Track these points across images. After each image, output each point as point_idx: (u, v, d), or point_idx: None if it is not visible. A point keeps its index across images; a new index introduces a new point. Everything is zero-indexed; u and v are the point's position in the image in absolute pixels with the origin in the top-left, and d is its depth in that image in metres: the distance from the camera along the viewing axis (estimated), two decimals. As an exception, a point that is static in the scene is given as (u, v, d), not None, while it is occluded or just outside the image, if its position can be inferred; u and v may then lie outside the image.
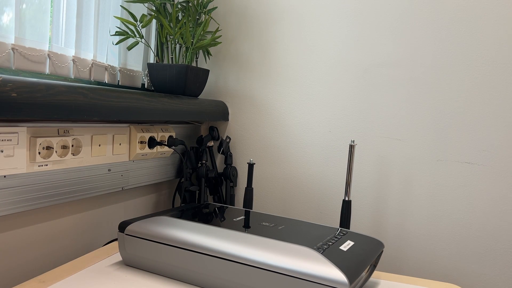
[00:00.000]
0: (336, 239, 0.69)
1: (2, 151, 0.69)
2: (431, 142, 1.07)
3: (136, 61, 1.13)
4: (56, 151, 0.79)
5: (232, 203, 1.24)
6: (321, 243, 0.66)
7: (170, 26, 1.08)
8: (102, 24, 1.01)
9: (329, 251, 0.63)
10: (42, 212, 0.82)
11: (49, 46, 0.87)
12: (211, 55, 1.25)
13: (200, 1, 1.12)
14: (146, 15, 1.07)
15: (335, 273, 0.57)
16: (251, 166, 1.07)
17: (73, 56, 0.92)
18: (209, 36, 1.17)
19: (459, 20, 1.03)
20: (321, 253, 0.61)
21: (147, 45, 1.16)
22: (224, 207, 0.87)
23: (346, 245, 0.67)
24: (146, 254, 0.70)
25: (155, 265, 0.70)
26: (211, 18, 1.21)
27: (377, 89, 1.11)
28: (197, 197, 1.18)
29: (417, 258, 1.09)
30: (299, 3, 1.18)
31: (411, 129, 1.08)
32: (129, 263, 0.73)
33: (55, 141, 0.79)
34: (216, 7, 1.19)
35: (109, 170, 0.94)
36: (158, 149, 1.06)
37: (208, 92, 1.29)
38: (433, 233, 1.07)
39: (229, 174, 1.22)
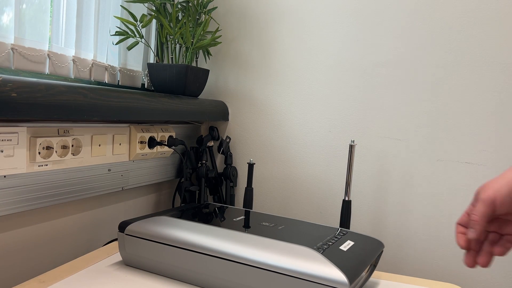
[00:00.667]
0: (336, 239, 0.69)
1: (2, 151, 0.69)
2: (431, 142, 1.07)
3: (136, 61, 1.13)
4: (56, 151, 0.79)
5: (232, 203, 1.24)
6: (321, 243, 0.66)
7: (170, 26, 1.08)
8: (102, 24, 1.01)
9: (329, 251, 0.63)
10: (42, 212, 0.82)
11: (49, 46, 0.87)
12: (211, 55, 1.25)
13: (200, 1, 1.12)
14: (146, 15, 1.07)
15: (335, 273, 0.57)
16: (251, 166, 1.07)
17: (73, 56, 0.92)
18: (209, 36, 1.17)
19: (459, 20, 1.03)
20: (321, 253, 0.61)
21: (147, 45, 1.16)
22: (224, 207, 0.86)
23: (346, 245, 0.67)
24: (146, 254, 0.70)
25: (155, 265, 0.70)
26: (211, 18, 1.21)
27: (377, 89, 1.11)
28: (197, 197, 1.18)
29: (417, 258, 1.09)
30: (299, 3, 1.18)
31: (411, 129, 1.08)
32: (129, 263, 0.73)
33: (55, 141, 0.79)
34: (216, 7, 1.19)
35: (109, 170, 0.94)
36: (158, 149, 1.06)
37: (208, 92, 1.29)
38: (433, 233, 1.07)
39: (229, 174, 1.22)
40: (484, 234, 0.58)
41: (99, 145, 0.90)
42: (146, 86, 1.18)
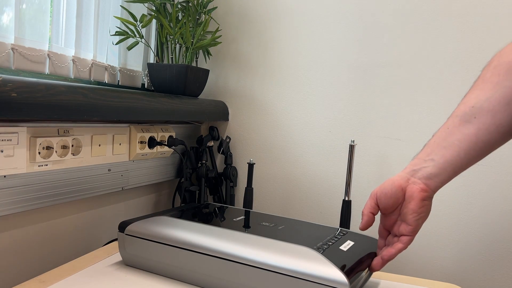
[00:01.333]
0: (336, 239, 0.69)
1: (2, 151, 0.69)
2: (431, 142, 1.07)
3: (136, 61, 1.13)
4: (56, 151, 0.79)
5: (232, 203, 1.24)
6: (321, 243, 0.66)
7: (170, 26, 1.08)
8: (102, 24, 1.01)
9: (329, 251, 0.63)
10: (42, 212, 0.82)
11: (49, 46, 0.87)
12: (211, 55, 1.25)
13: (200, 1, 1.12)
14: (146, 15, 1.07)
15: (335, 273, 0.57)
16: (251, 166, 1.07)
17: (73, 56, 0.92)
18: (209, 36, 1.17)
19: (460, 20, 1.03)
20: (321, 253, 0.61)
21: (147, 45, 1.16)
22: (224, 207, 0.87)
23: (346, 245, 0.67)
24: (146, 254, 0.70)
25: (155, 265, 0.70)
26: (211, 18, 1.21)
27: (377, 89, 1.11)
28: (197, 197, 1.18)
29: (417, 258, 1.09)
30: (299, 3, 1.18)
31: (411, 129, 1.08)
32: (129, 263, 0.73)
33: (55, 141, 0.79)
34: (216, 7, 1.19)
35: (109, 170, 0.94)
36: (158, 149, 1.06)
37: (208, 92, 1.29)
38: (433, 233, 1.07)
39: (229, 174, 1.22)
40: (383, 236, 0.67)
41: (99, 145, 0.90)
42: (146, 86, 1.18)
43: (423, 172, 0.62)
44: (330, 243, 0.66)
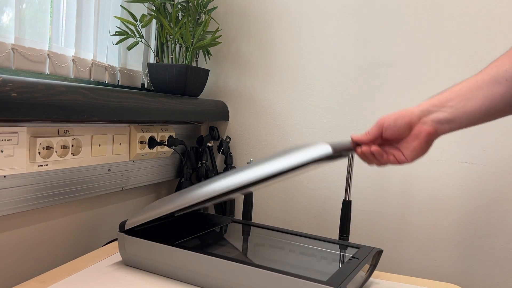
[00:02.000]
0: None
1: (2, 151, 0.69)
2: (431, 142, 1.06)
3: (136, 61, 1.13)
4: (56, 151, 0.79)
5: (232, 203, 1.24)
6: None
7: (170, 26, 1.08)
8: (102, 24, 1.01)
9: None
10: (42, 212, 0.82)
11: (49, 46, 0.87)
12: (211, 55, 1.25)
13: (200, 1, 1.12)
14: (146, 15, 1.07)
15: None
16: (251, 166, 1.07)
17: (73, 56, 0.92)
18: (209, 36, 1.17)
19: (459, 20, 1.03)
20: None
21: (147, 45, 1.16)
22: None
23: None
24: (146, 254, 0.70)
25: (155, 265, 0.70)
26: (211, 18, 1.21)
27: (377, 89, 1.11)
28: (197, 197, 1.18)
29: (417, 258, 1.09)
30: (299, 3, 1.18)
31: (411, 129, 1.08)
32: (129, 263, 0.73)
33: (55, 141, 0.79)
34: (216, 7, 1.19)
35: (109, 170, 0.94)
36: (158, 149, 1.06)
37: (208, 92, 1.29)
38: (433, 233, 1.07)
39: (229, 174, 1.22)
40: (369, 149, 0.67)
41: (99, 145, 0.90)
42: (146, 86, 1.18)
43: (437, 115, 0.63)
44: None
